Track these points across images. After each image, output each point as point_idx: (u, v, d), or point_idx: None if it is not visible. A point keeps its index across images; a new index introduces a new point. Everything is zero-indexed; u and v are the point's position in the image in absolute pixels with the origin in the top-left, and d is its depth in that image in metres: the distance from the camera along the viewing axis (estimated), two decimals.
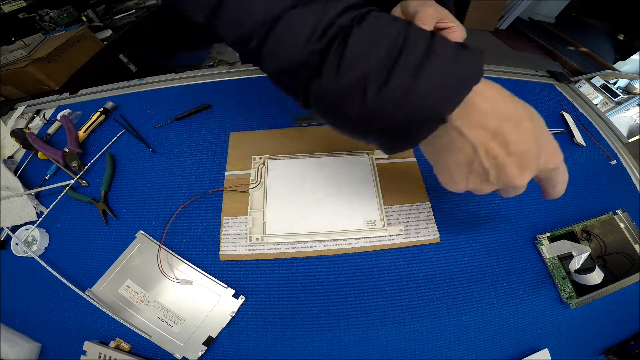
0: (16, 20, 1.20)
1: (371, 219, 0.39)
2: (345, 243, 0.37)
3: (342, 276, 0.36)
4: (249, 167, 0.43)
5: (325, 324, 0.33)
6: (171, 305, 0.34)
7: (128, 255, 0.37)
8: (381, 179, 0.42)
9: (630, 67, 2.01)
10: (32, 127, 0.51)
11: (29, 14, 1.23)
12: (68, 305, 0.35)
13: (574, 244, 0.37)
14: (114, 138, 0.47)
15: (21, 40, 1.09)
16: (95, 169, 0.44)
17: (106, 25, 1.41)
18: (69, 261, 0.38)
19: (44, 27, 1.27)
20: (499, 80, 0.58)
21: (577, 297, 0.35)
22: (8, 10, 1.18)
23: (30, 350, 0.33)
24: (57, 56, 1.11)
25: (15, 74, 1.02)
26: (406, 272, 0.36)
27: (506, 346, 0.34)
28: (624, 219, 0.39)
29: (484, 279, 0.36)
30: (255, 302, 0.34)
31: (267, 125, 0.48)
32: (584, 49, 2.29)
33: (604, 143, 0.50)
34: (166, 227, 0.38)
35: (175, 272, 0.36)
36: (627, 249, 0.37)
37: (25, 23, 1.22)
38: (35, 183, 0.44)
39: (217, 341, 0.33)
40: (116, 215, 0.40)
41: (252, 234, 0.37)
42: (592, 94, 1.05)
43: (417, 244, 0.38)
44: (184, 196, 0.41)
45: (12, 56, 1.03)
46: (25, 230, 0.39)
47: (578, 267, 0.35)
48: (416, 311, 0.34)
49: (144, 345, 0.33)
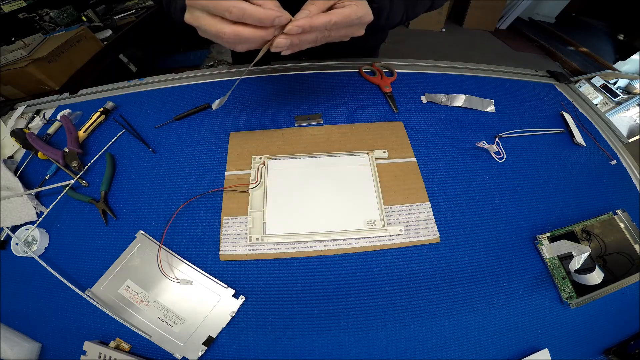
0: (16, 20, 1.20)
1: (371, 219, 0.39)
2: (345, 243, 0.37)
3: (342, 276, 0.36)
4: (249, 167, 0.43)
5: (325, 324, 0.33)
6: (171, 305, 0.34)
7: (128, 255, 0.37)
8: (381, 179, 0.42)
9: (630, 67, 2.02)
10: (32, 127, 0.51)
11: (29, 14, 1.23)
12: (68, 305, 0.35)
13: (574, 244, 0.37)
14: (114, 138, 0.47)
15: (21, 40, 1.09)
16: (95, 169, 0.44)
17: (106, 25, 1.41)
18: (69, 261, 0.38)
19: (44, 27, 1.27)
20: (499, 80, 0.58)
21: (577, 297, 0.35)
22: (8, 10, 1.18)
23: (30, 350, 0.33)
24: (57, 56, 1.11)
25: (15, 74, 1.02)
26: (406, 272, 0.36)
27: (506, 346, 0.34)
28: (624, 219, 0.39)
29: (484, 279, 0.36)
30: (255, 302, 0.34)
31: (267, 125, 0.48)
32: (584, 49, 2.29)
33: (604, 143, 0.50)
34: (166, 227, 0.38)
35: (175, 272, 0.36)
36: (627, 249, 0.37)
37: (25, 23, 1.22)
38: (35, 183, 0.44)
39: (217, 341, 0.33)
40: (116, 215, 0.40)
41: (252, 234, 0.37)
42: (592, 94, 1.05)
43: (417, 244, 0.38)
44: (184, 196, 0.41)
45: (12, 56, 1.03)
46: (25, 230, 0.39)
47: (578, 267, 0.35)
48: (416, 311, 0.34)
49: (144, 345, 0.33)
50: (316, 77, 0.55)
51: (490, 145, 0.44)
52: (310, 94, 0.52)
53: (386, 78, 0.55)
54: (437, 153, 0.46)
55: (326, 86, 0.54)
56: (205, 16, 0.29)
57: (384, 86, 0.53)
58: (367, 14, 0.34)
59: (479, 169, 0.44)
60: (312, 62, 0.58)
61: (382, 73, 0.55)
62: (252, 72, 0.56)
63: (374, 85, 0.54)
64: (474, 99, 0.53)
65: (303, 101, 0.51)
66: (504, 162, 0.44)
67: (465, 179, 0.43)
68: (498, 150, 0.44)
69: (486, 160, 0.45)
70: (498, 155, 0.44)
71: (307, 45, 0.34)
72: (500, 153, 0.44)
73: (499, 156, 0.44)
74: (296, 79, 0.55)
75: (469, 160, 0.45)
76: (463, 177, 0.43)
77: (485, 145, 0.44)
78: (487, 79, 0.58)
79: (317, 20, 0.31)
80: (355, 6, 0.33)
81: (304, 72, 0.56)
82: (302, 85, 0.54)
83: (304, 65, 0.57)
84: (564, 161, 0.47)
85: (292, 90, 0.53)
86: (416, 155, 0.45)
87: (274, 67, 0.57)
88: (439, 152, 0.46)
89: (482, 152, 0.46)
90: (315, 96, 0.52)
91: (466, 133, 0.48)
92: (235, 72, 0.57)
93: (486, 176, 0.44)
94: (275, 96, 0.52)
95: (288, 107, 0.50)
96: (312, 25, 0.31)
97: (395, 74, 0.56)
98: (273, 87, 0.53)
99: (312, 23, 0.31)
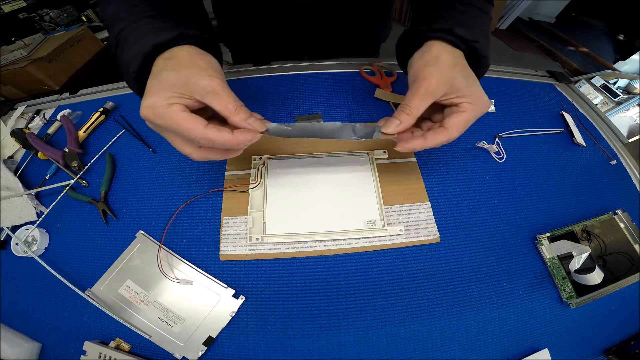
0: (16, 20, 1.20)
1: (371, 219, 0.39)
2: (345, 243, 0.37)
3: (342, 276, 0.36)
4: (249, 167, 0.43)
5: (325, 324, 0.33)
6: (171, 305, 0.34)
7: (128, 255, 0.37)
8: (381, 179, 0.42)
9: (630, 67, 2.02)
10: (32, 127, 0.51)
11: (29, 14, 1.23)
12: (68, 305, 0.35)
13: (574, 244, 0.37)
14: (114, 138, 0.47)
15: (21, 40, 1.09)
16: (95, 169, 0.44)
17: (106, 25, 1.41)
18: (69, 261, 0.38)
19: (44, 27, 1.27)
20: (498, 80, 0.58)
21: (577, 297, 0.35)
22: (8, 10, 1.18)
23: (30, 350, 0.33)
24: (57, 56, 1.11)
25: (15, 74, 1.02)
26: (406, 272, 0.36)
27: (506, 346, 0.34)
28: (624, 219, 0.39)
29: (484, 279, 0.36)
30: (255, 302, 0.34)
31: None
32: (584, 49, 2.29)
33: (604, 143, 0.50)
34: (166, 227, 0.38)
35: (175, 272, 0.36)
36: (627, 249, 0.37)
37: (25, 23, 1.22)
38: (35, 183, 0.44)
39: (217, 341, 0.33)
40: (116, 215, 0.40)
41: (252, 234, 0.37)
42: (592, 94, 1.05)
43: (417, 244, 0.38)
44: (184, 196, 0.41)
45: (12, 56, 1.03)
46: (25, 230, 0.39)
47: (578, 267, 0.35)
48: (416, 311, 0.34)
49: (144, 345, 0.33)
50: (316, 77, 0.55)
51: (490, 145, 0.44)
52: (310, 94, 0.52)
53: (386, 78, 0.55)
54: (437, 153, 0.45)
55: (326, 86, 0.54)
56: (169, 134, 0.27)
57: (384, 86, 0.53)
58: (485, 107, 0.30)
59: (479, 169, 0.44)
60: (312, 62, 0.58)
61: (382, 73, 0.55)
62: (252, 72, 0.56)
63: (374, 85, 0.54)
64: None
65: (303, 101, 0.51)
66: (504, 162, 0.44)
67: (465, 179, 0.43)
68: (498, 150, 0.44)
69: (486, 160, 0.45)
70: (498, 155, 0.44)
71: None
72: (500, 153, 0.44)
73: (499, 156, 0.44)
74: (296, 79, 0.55)
75: (468, 160, 0.45)
76: (463, 177, 0.43)
77: (485, 145, 0.44)
78: (487, 78, 0.58)
79: (421, 144, 0.30)
80: (471, 107, 0.29)
81: (304, 72, 0.56)
82: (302, 85, 0.54)
83: (304, 65, 0.57)
84: (564, 161, 0.47)
85: (292, 90, 0.53)
86: (416, 155, 0.45)
87: (274, 67, 0.57)
88: (438, 152, 0.46)
89: (482, 152, 0.46)
90: (315, 96, 0.52)
91: (466, 133, 0.48)
92: (236, 72, 0.57)
93: (486, 176, 0.44)
94: (275, 96, 0.52)
95: (288, 107, 0.50)
96: (414, 148, 0.30)
97: (395, 74, 0.56)
98: (273, 87, 0.53)
99: (414, 147, 0.30)
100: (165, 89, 0.25)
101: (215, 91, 0.26)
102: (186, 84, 0.25)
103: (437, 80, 0.29)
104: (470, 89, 0.29)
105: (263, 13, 0.56)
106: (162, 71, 0.26)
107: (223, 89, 0.26)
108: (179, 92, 0.25)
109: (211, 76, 0.26)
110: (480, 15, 0.33)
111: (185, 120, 0.25)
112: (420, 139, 0.30)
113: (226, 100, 0.26)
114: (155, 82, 0.26)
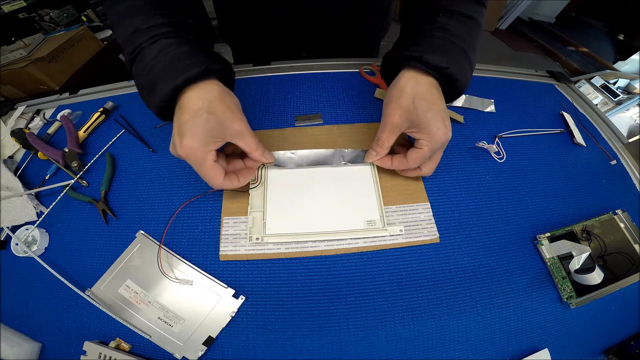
0: (16, 20, 1.20)
1: (371, 219, 0.39)
2: (345, 243, 0.37)
3: (342, 276, 0.36)
4: None
5: (325, 324, 0.33)
6: (171, 305, 0.34)
7: (128, 255, 0.37)
8: (381, 179, 0.42)
9: (630, 67, 2.02)
10: (32, 127, 0.51)
11: (29, 14, 1.23)
12: (68, 305, 0.35)
13: (574, 244, 0.37)
14: (114, 138, 0.47)
15: (21, 40, 1.09)
16: (95, 169, 0.44)
17: (106, 25, 1.41)
18: (69, 261, 0.38)
19: (44, 27, 1.27)
20: (498, 80, 0.58)
21: (577, 297, 0.35)
22: (8, 10, 1.18)
23: (30, 350, 0.33)
24: (57, 56, 1.11)
25: (15, 74, 1.02)
26: (406, 272, 0.36)
27: (506, 346, 0.34)
28: (624, 219, 0.39)
29: (484, 279, 0.36)
30: (255, 302, 0.34)
31: (267, 125, 0.48)
32: (584, 49, 2.29)
33: (604, 143, 0.50)
34: (166, 227, 0.38)
35: (175, 272, 0.36)
36: (627, 249, 0.37)
37: (25, 23, 1.22)
38: (35, 183, 0.44)
39: (217, 341, 0.33)
40: (116, 215, 0.40)
41: (252, 234, 0.37)
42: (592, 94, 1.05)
43: (417, 244, 0.38)
44: (184, 196, 0.41)
45: (12, 56, 1.03)
46: (25, 230, 0.39)
47: (578, 267, 0.35)
48: (416, 311, 0.34)
49: (144, 345, 0.33)
50: (316, 77, 0.55)
51: (490, 145, 0.44)
52: (310, 94, 0.52)
53: None
54: None
55: (326, 86, 0.54)
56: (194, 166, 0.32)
57: (384, 86, 0.53)
58: (442, 138, 0.34)
59: (478, 169, 0.44)
60: (312, 62, 0.58)
61: None
62: (252, 72, 0.56)
63: (374, 85, 0.54)
64: (474, 99, 0.53)
65: (303, 101, 0.51)
66: (503, 162, 0.44)
67: (465, 179, 0.43)
68: (498, 150, 0.44)
69: (486, 160, 0.45)
70: (498, 155, 0.44)
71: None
72: (500, 153, 0.44)
73: (499, 156, 0.44)
74: (296, 79, 0.55)
75: (468, 160, 0.45)
76: (463, 177, 0.43)
77: (485, 145, 0.44)
78: (487, 78, 0.58)
79: (393, 166, 0.39)
80: (427, 144, 0.34)
81: (304, 72, 0.56)
82: (302, 85, 0.54)
83: (304, 65, 0.57)
84: (564, 161, 0.47)
85: (292, 90, 0.53)
86: None
87: (274, 67, 0.57)
88: None
89: (482, 152, 0.46)
90: (315, 96, 0.52)
91: (466, 133, 0.48)
92: (236, 72, 0.57)
93: (486, 176, 0.44)
94: (275, 96, 0.52)
95: (288, 107, 0.50)
96: (389, 167, 0.40)
97: None
98: (273, 87, 0.54)
99: (388, 167, 0.40)
100: (205, 133, 0.30)
101: (243, 133, 0.32)
102: (221, 127, 0.31)
103: (398, 117, 0.34)
104: (427, 125, 0.33)
105: (263, 13, 0.56)
106: (202, 113, 0.29)
107: (248, 131, 0.33)
108: (215, 136, 0.31)
109: (241, 120, 0.32)
110: (464, 24, 0.34)
111: (212, 170, 0.32)
112: (389, 162, 0.39)
113: (250, 140, 0.33)
114: (195, 124, 0.29)
